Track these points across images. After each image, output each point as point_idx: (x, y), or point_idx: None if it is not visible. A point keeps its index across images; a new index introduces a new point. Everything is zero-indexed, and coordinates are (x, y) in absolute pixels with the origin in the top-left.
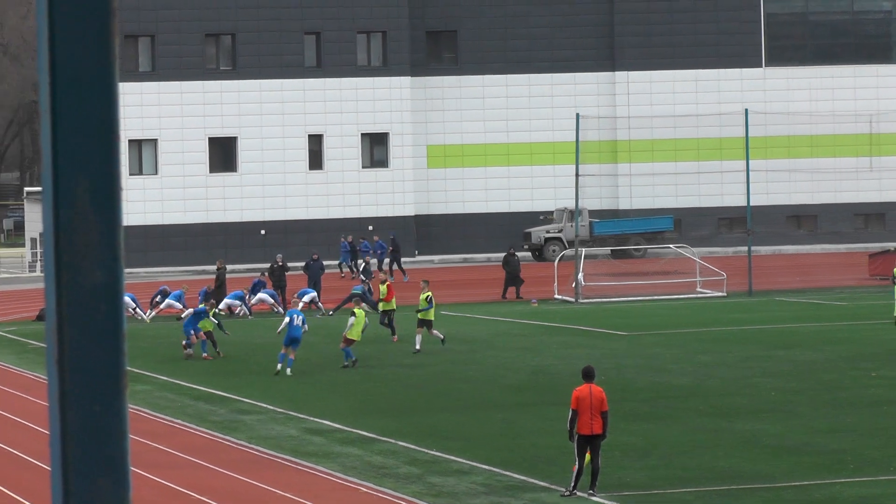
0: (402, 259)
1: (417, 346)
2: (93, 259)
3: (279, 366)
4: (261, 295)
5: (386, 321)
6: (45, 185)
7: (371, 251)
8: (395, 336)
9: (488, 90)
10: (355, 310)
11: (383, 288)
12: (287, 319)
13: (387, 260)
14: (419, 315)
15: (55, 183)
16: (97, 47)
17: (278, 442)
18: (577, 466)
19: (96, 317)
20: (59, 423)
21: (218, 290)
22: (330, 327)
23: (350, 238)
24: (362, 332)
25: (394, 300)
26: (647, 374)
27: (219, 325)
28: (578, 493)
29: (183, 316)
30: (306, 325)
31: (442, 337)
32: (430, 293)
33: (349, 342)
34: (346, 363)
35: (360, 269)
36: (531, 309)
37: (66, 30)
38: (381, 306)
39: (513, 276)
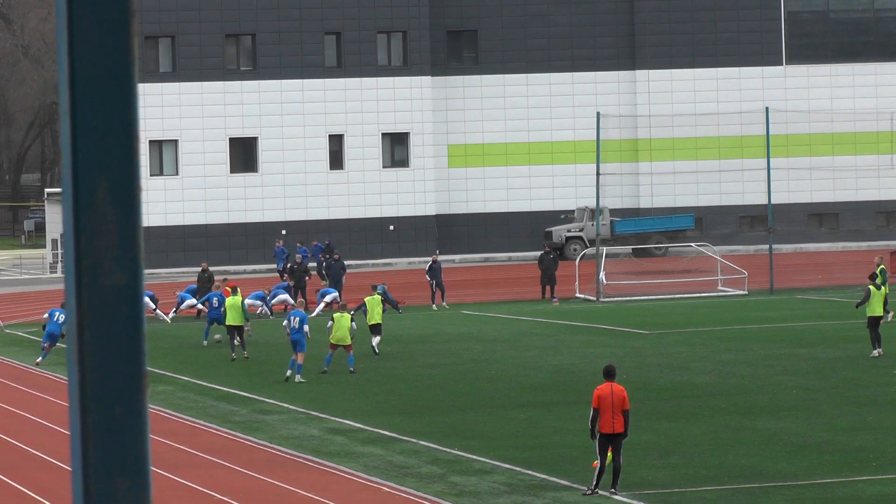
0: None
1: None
2: (113, 260)
3: (288, 372)
4: (282, 295)
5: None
6: (66, 186)
7: (310, 255)
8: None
9: (509, 89)
10: (335, 314)
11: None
12: (285, 322)
13: (313, 264)
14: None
15: (75, 184)
16: (116, 49)
17: (300, 442)
18: (598, 465)
19: (117, 317)
20: (79, 424)
21: (200, 292)
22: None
23: (281, 242)
24: (351, 335)
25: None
26: (669, 372)
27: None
28: (600, 492)
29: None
30: (307, 326)
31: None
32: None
33: (334, 347)
34: (325, 369)
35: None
36: (553, 308)
37: (86, 31)
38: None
39: (547, 275)
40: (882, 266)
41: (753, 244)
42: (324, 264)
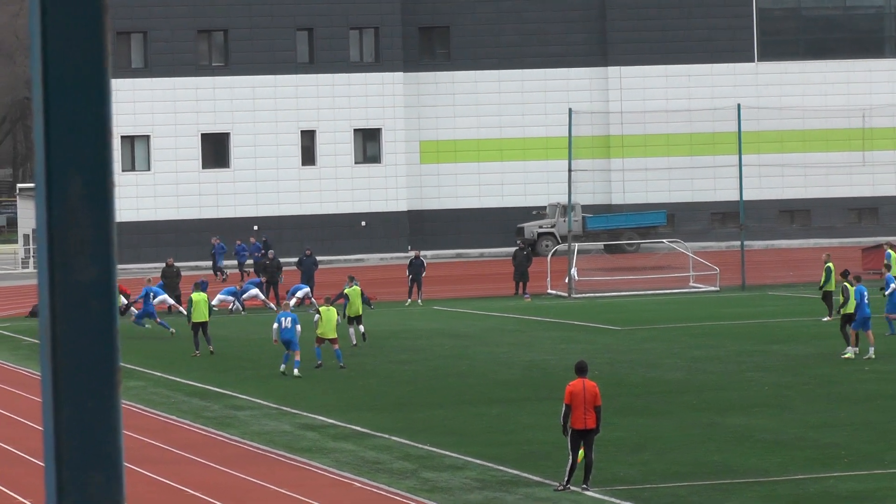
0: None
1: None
2: (86, 255)
3: (283, 366)
4: (252, 291)
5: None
6: (39, 181)
7: (248, 252)
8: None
9: (481, 85)
10: (321, 307)
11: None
12: (276, 325)
13: (250, 262)
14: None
15: (48, 179)
16: (89, 44)
17: (272, 437)
18: (570, 461)
19: (89, 313)
20: (52, 419)
21: (166, 288)
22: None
23: (217, 240)
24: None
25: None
26: (641, 368)
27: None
28: (572, 488)
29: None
30: (299, 325)
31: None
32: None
33: (320, 341)
34: (319, 362)
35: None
36: (524, 304)
37: (59, 27)
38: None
39: (519, 271)
40: (829, 264)
41: (725, 241)
42: (261, 262)
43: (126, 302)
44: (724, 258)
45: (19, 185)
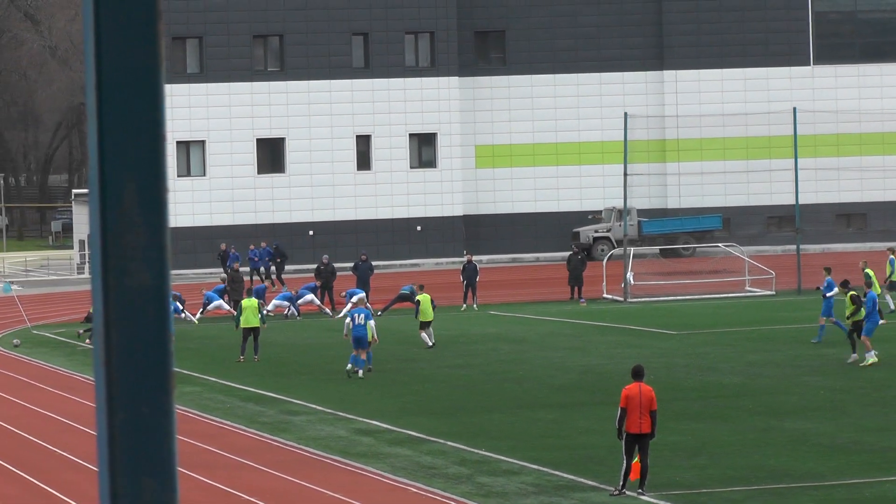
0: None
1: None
2: (140, 261)
3: (349, 366)
4: (308, 296)
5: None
6: (93, 187)
7: (257, 258)
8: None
9: (536, 90)
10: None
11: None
12: (348, 321)
13: (273, 268)
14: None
15: (102, 185)
16: (143, 49)
17: (327, 443)
18: (624, 465)
19: (143, 318)
20: (106, 425)
21: (233, 290)
22: (378, 328)
23: (227, 246)
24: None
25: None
26: (697, 373)
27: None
28: (627, 493)
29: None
30: (372, 321)
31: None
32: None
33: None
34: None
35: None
36: (580, 309)
37: (113, 32)
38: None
39: (574, 275)
40: (867, 270)
41: (781, 245)
42: (272, 268)
43: (181, 307)
44: (780, 262)
45: (74, 191)
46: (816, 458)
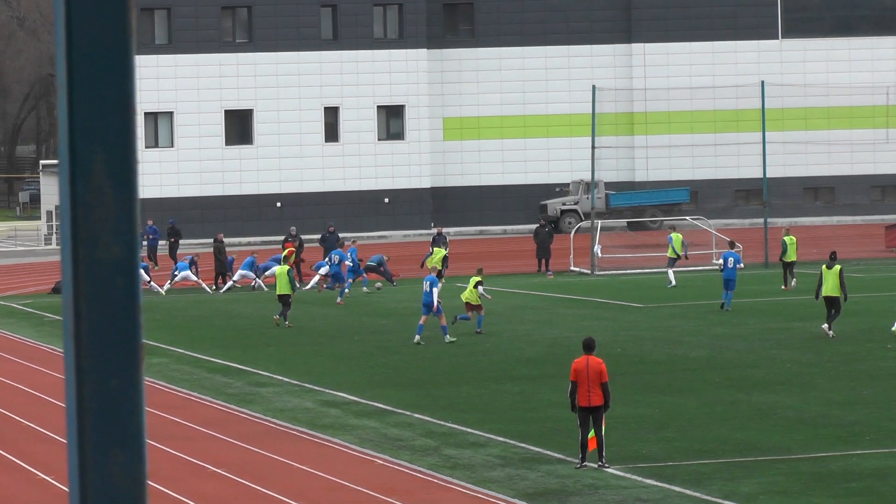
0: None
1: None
2: (109, 232)
3: (417, 336)
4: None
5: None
6: (62, 158)
7: (144, 235)
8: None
9: (505, 62)
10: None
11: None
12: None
13: (162, 243)
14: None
15: (72, 156)
16: (113, 20)
17: (294, 414)
18: (580, 438)
19: (112, 290)
20: (75, 397)
21: (218, 263)
22: (348, 301)
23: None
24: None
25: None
26: (664, 346)
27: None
28: (588, 465)
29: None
30: (436, 288)
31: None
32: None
33: (470, 308)
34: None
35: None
36: (547, 281)
37: (83, 3)
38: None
39: (542, 248)
40: (788, 237)
41: (748, 218)
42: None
43: (148, 278)
44: (747, 235)
45: (42, 162)
46: (783, 431)
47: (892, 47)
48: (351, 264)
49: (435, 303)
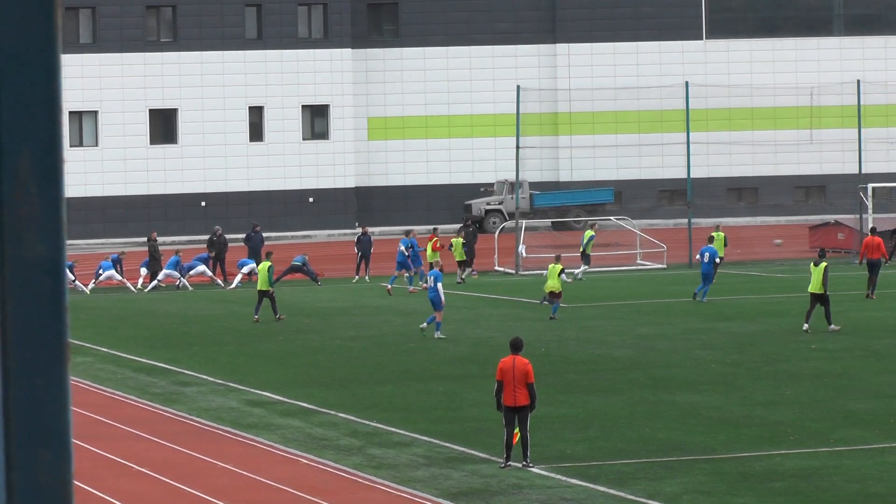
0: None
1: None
2: (36, 232)
3: (424, 324)
4: (199, 267)
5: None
6: None
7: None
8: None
9: (429, 62)
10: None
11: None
12: (423, 283)
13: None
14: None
15: None
16: (40, 19)
17: (219, 414)
18: (505, 437)
19: (39, 290)
20: (0, 397)
21: (153, 262)
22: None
23: None
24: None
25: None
26: (588, 346)
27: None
28: (512, 465)
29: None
30: (440, 284)
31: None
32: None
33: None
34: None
35: None
36: (471, 281)
37: (8, 1)
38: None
39: (466, 248)
40: (717, 234)
41: (672, 218)
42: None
43: (73, 277)
44: (671, 235)
45: None
46: (706, 431)
47: (816, 48)
48: (407, 254)
49: (441, 297)
